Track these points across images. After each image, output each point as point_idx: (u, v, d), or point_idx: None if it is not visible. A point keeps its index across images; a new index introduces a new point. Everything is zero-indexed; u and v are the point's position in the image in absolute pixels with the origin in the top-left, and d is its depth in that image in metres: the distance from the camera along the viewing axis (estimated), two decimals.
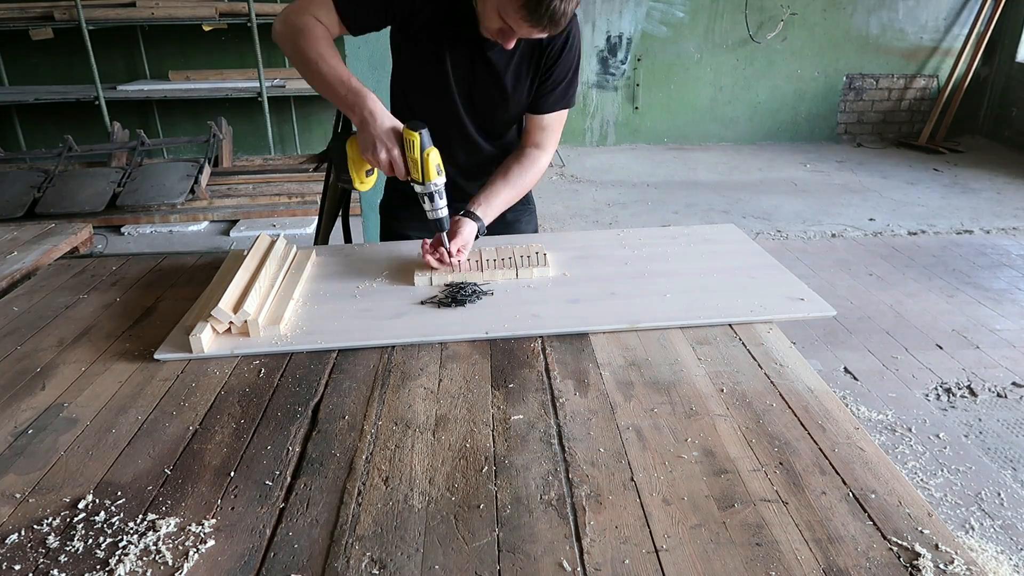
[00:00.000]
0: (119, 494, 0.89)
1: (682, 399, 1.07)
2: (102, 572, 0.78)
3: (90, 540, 0.82)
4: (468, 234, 1.47)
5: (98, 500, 0.88)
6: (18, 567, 0.79)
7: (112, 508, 0.87)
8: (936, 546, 0.79)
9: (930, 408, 2.62)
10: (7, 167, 4.95)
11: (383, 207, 1.83)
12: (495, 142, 1.63)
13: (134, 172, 4.75)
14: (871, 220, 4.68)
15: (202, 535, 0.82)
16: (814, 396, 1.07)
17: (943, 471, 2.28)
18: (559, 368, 1.16)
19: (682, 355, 1.19)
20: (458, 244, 1.45)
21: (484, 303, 1.37)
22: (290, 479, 0.92)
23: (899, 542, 0.80)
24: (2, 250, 1.87)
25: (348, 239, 1.92)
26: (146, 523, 0.84)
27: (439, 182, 1.36)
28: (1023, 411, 2.59)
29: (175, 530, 0.83)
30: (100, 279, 1.57)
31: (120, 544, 0.81)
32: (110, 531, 0.83)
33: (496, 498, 0.87)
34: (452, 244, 1.44)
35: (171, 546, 0.81)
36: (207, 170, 4.86)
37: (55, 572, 0.78)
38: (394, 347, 1.23)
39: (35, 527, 0.84)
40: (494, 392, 1.10)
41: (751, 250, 1.61)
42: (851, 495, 0.87)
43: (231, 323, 1.24)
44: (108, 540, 0.82)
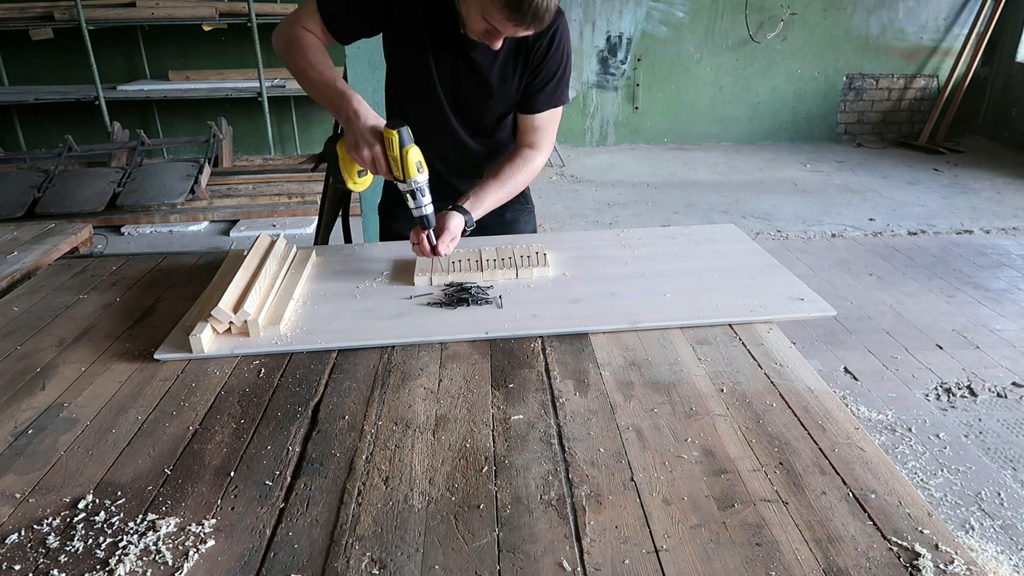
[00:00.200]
0: (119, 494, 0.89)
1: (682, 399, 1.07)
2: (102, 572, 0.78)
3: (90, 540, 0.82)
4: (454, 227, 1.47)
5: (98, 500, 0.88)
6: (18, 567, 0.79)
7: (112, 508, 0.87)
8: (936, 546, 0.79)
9: (930, 408, 2.62)
10: (7, 167, 4.95)
11: (382, 208, 1.84)
12: (484, 140, 1.63)
13: (134, 172, 4.75)
14: (871, 220, 4.68)
15: (202, 535, 0.82)
16: (814, 396, 1.07)
17: (943, 471, 2.28)
18: (559, 368, 1.16)
19: (682, 355, 1.19)
20: (445, 237, 1.45)
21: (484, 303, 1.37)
22: (290, 479, 0.92)
23: (899, 542, 0.80)
24: (2, 250, 1.87)
25: (348, 239, 1.92)
26: (146, 523, 0.84)
27: (420, 179, 1.36)
28: (1023, 411, 2.59)
29: (175, 530, 0.83)
30: (100, 279, 1.57)
31: (120, 544, 0.81)
32: (110, 531, 0.83)
33: (496, 498, 0.87)
34: (442, 240, 1.44)
35: (171, 546, 0.81)
36: (207, 170, 4.87)
37: (55, 572, 0.78)
38: (394, 347, 1.23)
39: (35, 527, 0.84)
40: (494, 392, 1.10)
41: (751, 250, 1.61)
42: (851, 495, 0.87)
43: (231, 323, 1.24)
44: (108, 540, 0.82)
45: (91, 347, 1.26)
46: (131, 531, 0.83)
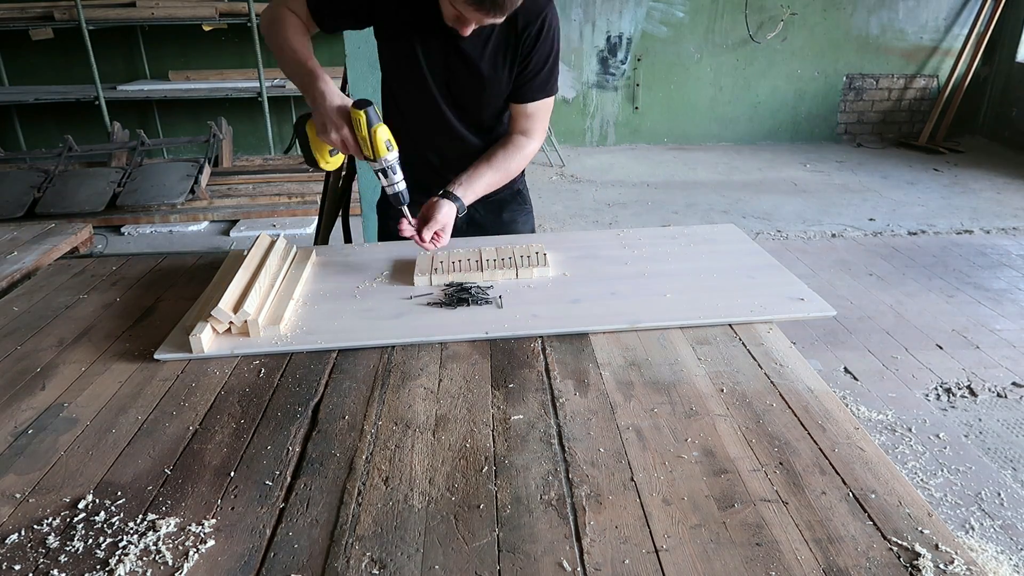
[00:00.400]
0: (119, 494, 0.89)
1: (682, 399, 1.07)
2: (102, 572, 0.78)
3: (90, 540, 0.82)
4: (444, 216, 1.46)
5: (98, 500, 0.89)
6: (18, 567, 0.79)
7: (112, 508, 0.87)
8: (936, 546, 0.79)
9: (930, 408, 2.62)
10: (7, 167, 4.96)
11: (380, 207, 1.84)
12: (481, 134, 1.63)
13: (134, 172, 4.75)
14: (871, 220, 4.68)
15: (202, 535, 0.82)
16: (814, 396, 1.07)
17: (943, 471, 2.28)
18: (559, 368, 1.16)
19: (682, 355, 1.19)
20: (435, 228, 1.44)
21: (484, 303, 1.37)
22: (290, 479, 0.92)
23: (899, 542, 0.80)
24: (2, 250, 1.87)
25: (348, 239, 1.92)
26: (146, 523, 0.84)
27: (390, 158, 1.37)
28: (1023, 411, 2.59)
29: (175, 530, 0.83)
30: (100, 279, 1.57)
31: (120, 544, 0.81)
32: (110, 531, 0.83)
33: (496, 498, 0.87)
34: (428, 229, 1.44)
35: (171, 546, 0.81)
36: (207, 170, 4.87)
37: (55, 572, 0.78)
38: (394, 347, 1.23)
39: (35, 527, 0.84)
40: (494, 392, 1.10)
41: (751, 250, 1.61)
42: (851, 495, 0.87)
43: (231, 323, 1.24)
44: (108, 540, 0.82)
45: (91, 347, 1.26)
46: (131, 531, 0.83)
